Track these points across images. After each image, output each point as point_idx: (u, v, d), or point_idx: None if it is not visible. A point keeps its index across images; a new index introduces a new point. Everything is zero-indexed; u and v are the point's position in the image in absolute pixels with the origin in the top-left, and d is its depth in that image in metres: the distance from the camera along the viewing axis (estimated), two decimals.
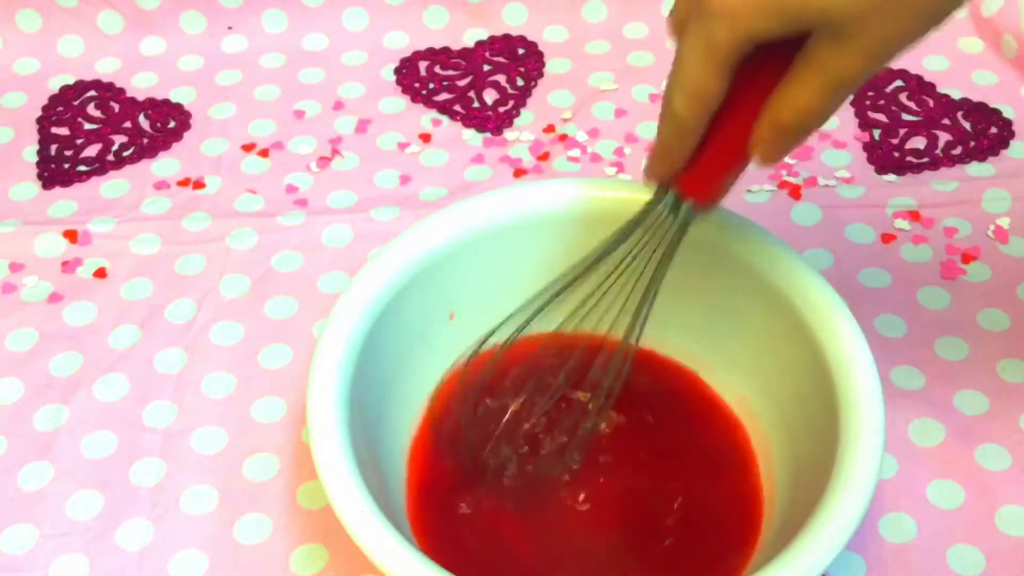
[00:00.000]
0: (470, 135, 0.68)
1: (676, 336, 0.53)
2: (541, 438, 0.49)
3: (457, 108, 0.70)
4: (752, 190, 0.63)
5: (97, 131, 0.69)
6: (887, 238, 0.61)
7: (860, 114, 0.68)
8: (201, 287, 0.60)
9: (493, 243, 0.50)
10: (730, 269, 0.49)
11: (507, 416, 0.50)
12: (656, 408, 0.51)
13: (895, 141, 0.66)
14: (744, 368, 0.50)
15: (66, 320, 0.58)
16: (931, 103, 0.68)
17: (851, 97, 0.69)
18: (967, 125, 0.67)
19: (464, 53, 0.73)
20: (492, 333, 0.49)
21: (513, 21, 0.74)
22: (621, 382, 0.49)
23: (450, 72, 0.72)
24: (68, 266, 0.61)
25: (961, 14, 0.74)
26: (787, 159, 0.65)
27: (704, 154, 0.42)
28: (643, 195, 0.50)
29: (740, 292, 0.49)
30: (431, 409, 0.51)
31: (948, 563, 0.48)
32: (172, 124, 0.69)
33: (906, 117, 0.68)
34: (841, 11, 0.37)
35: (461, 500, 0.48)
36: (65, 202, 0.64)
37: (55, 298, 0.59)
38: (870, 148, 0.66)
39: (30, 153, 0.68)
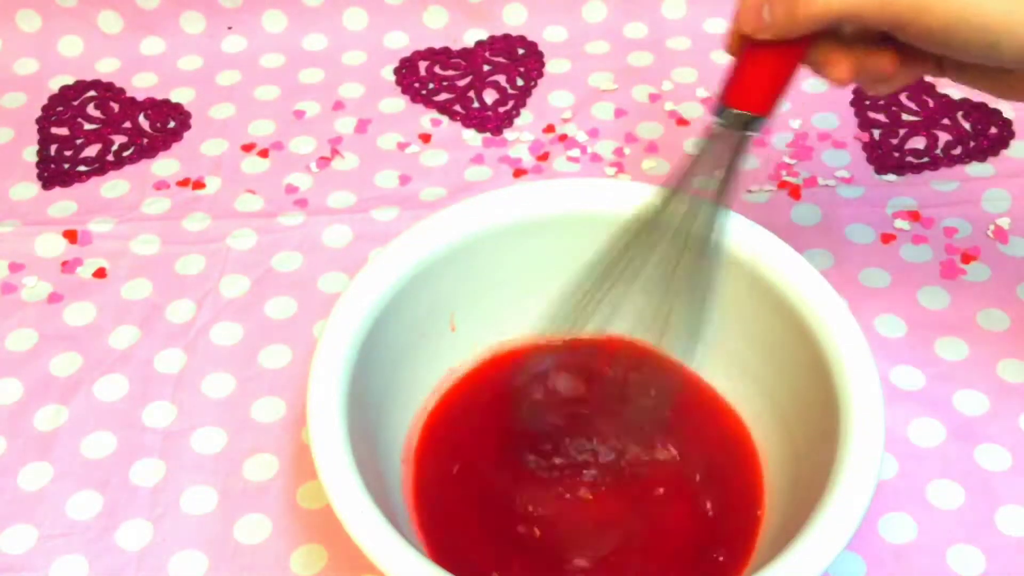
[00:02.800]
0: (470, 135, 0.68)
1: (675, 336, 0.53)
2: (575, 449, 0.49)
3: (457, 108, 0.70)
4: (752, 190, 0.63)
5: (97, 131, 0.69)
6: (887, 238, 0.61)
7: (860, 114, 0.68)
8: (201, 287, 0.60)
9: (493, 243, 0.50)
10: (729, 269, 0.49)
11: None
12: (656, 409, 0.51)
13: (895, 141, 0.66)
14: (744, 368, 0.50)
15: (66, 320, 0.58)
16: (931, 103, 0.68)
17: (850, 96, 0.69)
18: (967, 125, 0.67)
19: (464, 53, 0.73)
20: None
21: (513, 21, 0.74)
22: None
23: (450, 72, 0.72)
24: (68, 266, 0.61)
25: None
26: (787, 159, 0.65)
27: (755, 67, 0.44)
28: (643, 195, 0.50)
29: (739, 291, 0.49)
30: (433, 412, 0.51)
31: (948, 563, 0.48)
32: (172, 124, 0.69)
33: (906, 117, 0.68)
34: None
35: (461, 499, 0.48)
36: (65, 202, 0.64)
37: (55, 298, 0.59)
38: (870, 148, 0.66)
39: (30, 153, 0.68)
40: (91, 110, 0.70)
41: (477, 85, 0.71)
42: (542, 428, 0.49)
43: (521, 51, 0.73)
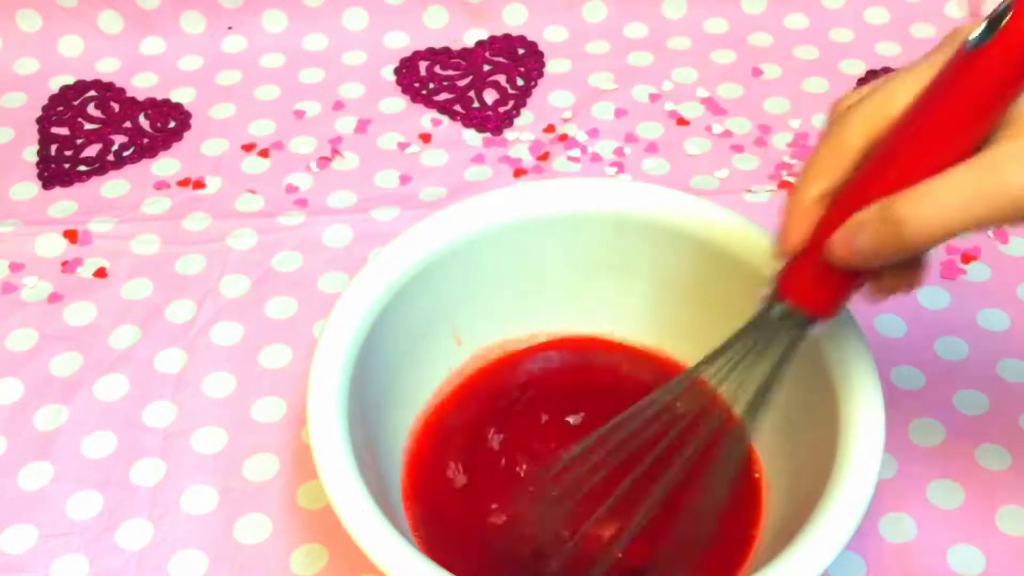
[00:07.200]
0: (470, 135, 0.68)
1: (676, 337, 0.53)
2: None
3: (457, 108, 0.70)
4: (752, 190, 0.63)
5: (97, 131, 0.69)
6: None
7: None
8: (201, 287, 0.60)
9: (493, 243, 0.50)
10: (730, 270, 0.49)
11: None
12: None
13: None
14: None
15: (66, 320, 0.58)
16: None
17: None
18: None
19: (464, 53, 0.73)
20: None
21: (513, 21, 0.74)
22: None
23: (450, 72, 0.72)
24: (68, 266, 0.61)
25: (960, 14, 0.74)
26: (787, 159, 0.65)
27: (817, 259, 0.38)
28: (643, 194, 0.50)
29: (740, 293, 0.49)
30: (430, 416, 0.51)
31: (948, 563, 0.48)
32: (172, 124, 0.69)
33: None
34: None
35: (461, 499, 0.48)
36: (65, 202, 0.64)
37: (55, 298, 0.59)
38: None
39: (30, 153, 0.68)
40: (91, 110, 0.70)
41: (477, 85, 0.71)
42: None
43: (521, 51, 0.73)
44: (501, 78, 0.71)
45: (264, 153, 0.67)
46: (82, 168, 0.66)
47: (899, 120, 0.36)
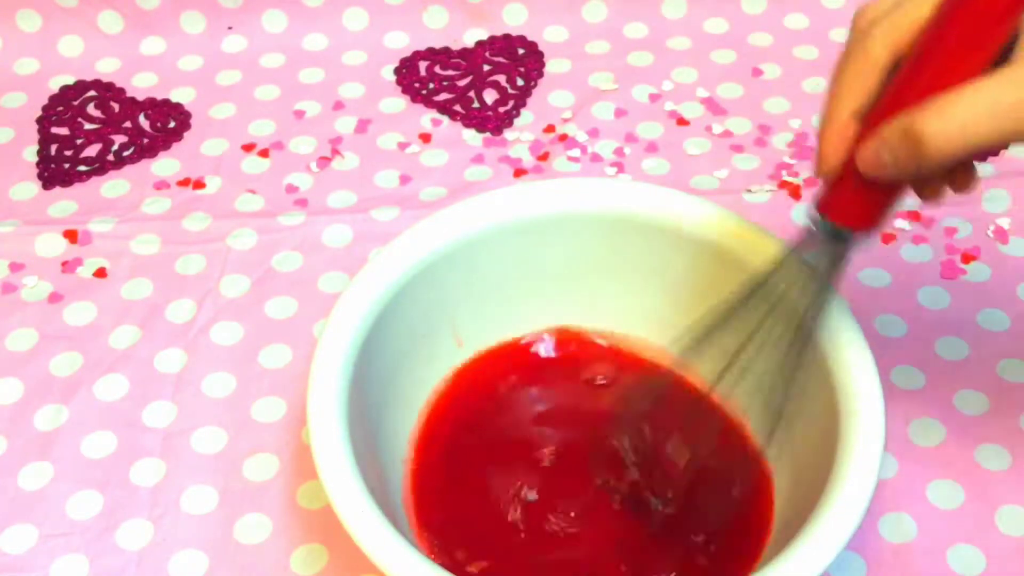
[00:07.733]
0: (470, 135, 0.68)
1: (677, 337, 0.53)
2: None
3: (457, 108, 0.70)
4: (752, 190, 0.63)
5: (97, 131, 0.69)
6: (887, 238, 0.61)
7: None
8: (201, 287, 0.60)
9: (493, 243, 0.50)
10: (730, 269, 0.49)
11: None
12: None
13: None
14: (743, 369, 0.50)
15: (66, 320, 0.58)
16: None
17: None
18: None
19: (464, 53, 0.73)
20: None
21: (513, 21, 0.74)
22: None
23: (450, 72, 0.72)
24: (68, 266, 0.61)
25: None
26: (787, 159, 0.65)
27: (854, 176, 0.38)
28: (643, 194, 0.50)
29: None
30: (431, 410, 0.51)
31: (948, 563, 0.48)
32: (172, 124, 0.69)
33: None
34: None
35: (461, 500, 0.48)
36: (65, 202, 0.64)
37: (55, 298, 0.59)
38: None
39: (30, 153, 0.68)
40: (91, 110, 0.70)
41: (477, 85, 0.71)
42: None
43: (521, 51, 0.73)
44: (501, 78, 0.71)
45: (264, 153, 0.67)
46: (82, 168, 0.66)
47: (923, 32, 0.36)
